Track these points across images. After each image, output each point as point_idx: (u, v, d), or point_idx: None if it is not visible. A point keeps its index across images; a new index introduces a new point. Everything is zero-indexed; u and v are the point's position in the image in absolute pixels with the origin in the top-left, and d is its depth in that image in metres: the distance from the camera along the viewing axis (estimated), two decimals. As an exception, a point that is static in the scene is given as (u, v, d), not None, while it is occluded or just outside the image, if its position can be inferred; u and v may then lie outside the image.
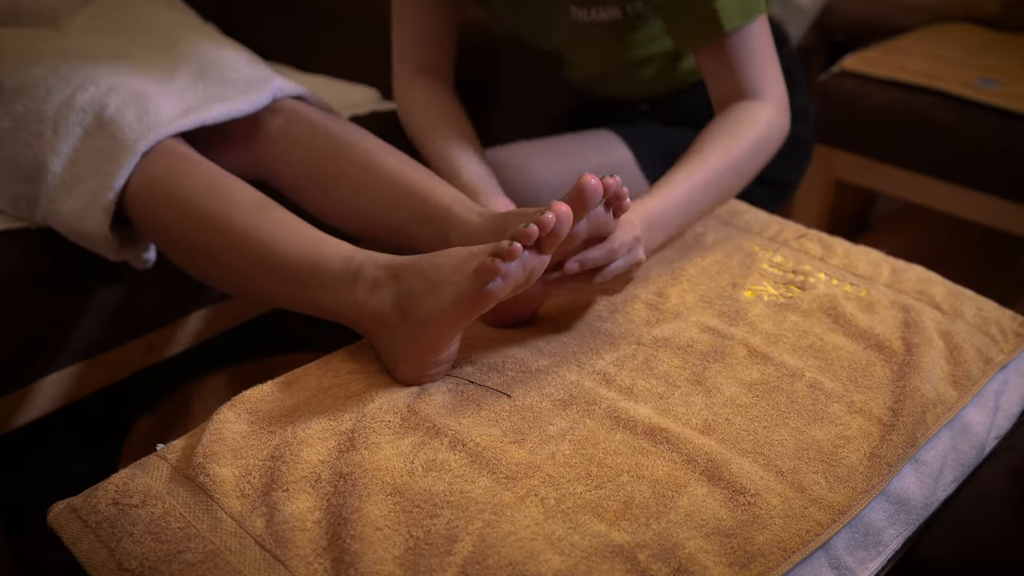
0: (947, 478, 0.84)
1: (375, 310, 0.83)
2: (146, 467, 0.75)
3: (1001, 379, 0.92)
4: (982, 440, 0.87)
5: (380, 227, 1.04)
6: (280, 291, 0.91)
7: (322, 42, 1.55)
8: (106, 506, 0.71)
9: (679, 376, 0.86)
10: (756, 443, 0.78)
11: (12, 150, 1.06)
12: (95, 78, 1.06)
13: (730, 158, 1.00)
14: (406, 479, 0.71)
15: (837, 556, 0.72)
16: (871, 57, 1.82)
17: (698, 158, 0.99)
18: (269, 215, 0.93)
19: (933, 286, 1.03)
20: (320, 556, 0.66)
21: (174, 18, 1.30)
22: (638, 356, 0.88)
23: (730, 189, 1.03)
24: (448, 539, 0.66)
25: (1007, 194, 1.63)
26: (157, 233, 1.00)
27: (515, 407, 0.80)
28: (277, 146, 1.12)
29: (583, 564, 0.65)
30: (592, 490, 0.71)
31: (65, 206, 1.03)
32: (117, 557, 0.67)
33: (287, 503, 0.69)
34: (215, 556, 0.66)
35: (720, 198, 1.02)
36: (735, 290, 1.00)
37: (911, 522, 0.79)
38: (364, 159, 1.05)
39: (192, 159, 1.00)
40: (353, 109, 1.39)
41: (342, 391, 0.82)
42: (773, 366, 0.87)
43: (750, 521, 0.70)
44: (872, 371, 0.88)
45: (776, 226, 1.14)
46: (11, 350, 1.09)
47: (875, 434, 0.80)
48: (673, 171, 0.99)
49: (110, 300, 1.16)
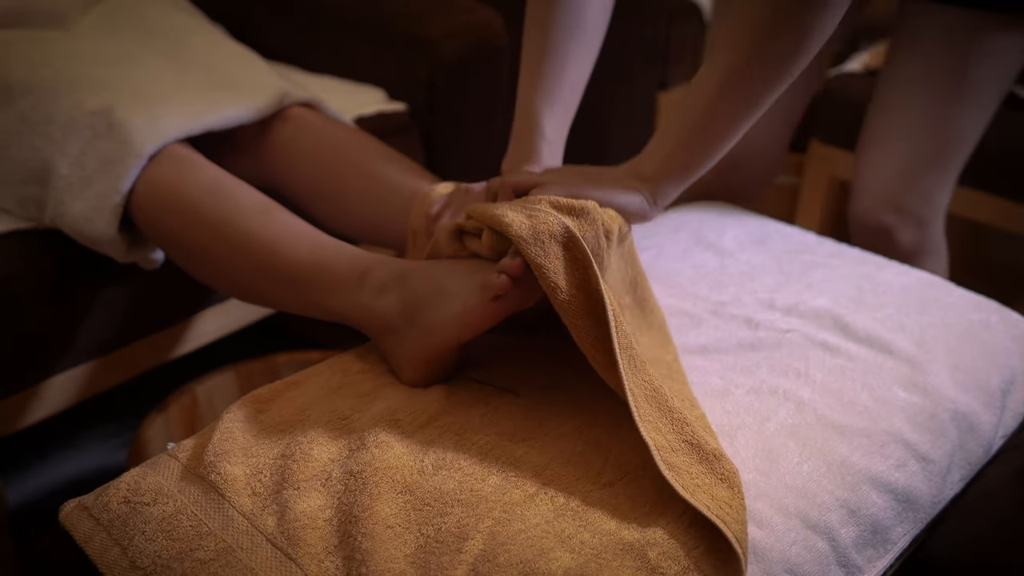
0: (954, 477, 0.84)
1: (382, 314, 0.83)
2: (157, 466, 0.75)
3: (1008, 378, 0.93)
4: (989, 439, 0.88)
5: (387, 235, 1.04)
6: (286, 295, 0.91)
7: (328, 43, 1.56)
8: (118, 504, 0.71)
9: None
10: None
11: (20, 152, 1.06)
12: (104, 80, 1.07)
13: (729, 73, 0.82)
14: (416, 477, 0.71)
15: (845, 554, 0.72)
16: (874, 57, 1.83)
17: (693, 92, 0.85)
18: (274, 218, 0.93)
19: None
20: (331, 554, 0.66)
21: (182, 20, 1.30)
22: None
23: (751, 101, 0.84)
24: (459, 537, 0.67)
25: (1009, 193, 1.62)
26: (163, 237, 1.00)
27: (524, 405, 0.81)
28: (284, 153, 1.12)
29: (593, 562, 0.65)
30: (601, 488, 0.72)
31: (73, 208, 1.03)
32: (129, 555, 0.68)
33: (298, 501, 0.70)
34: (227, 554, 0.66)
35: (742, 115, 0.84)
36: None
37: (919, 520, 0.79)
38: (371, 167, 1.05)
39: (198, 163, 1.01)
40: (359, 110, 1.39)
41: (351, 390, 0.83)
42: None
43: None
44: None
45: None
46: (19, 350, 1.09)
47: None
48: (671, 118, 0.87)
49: (117, 300, 1.16)
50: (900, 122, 1.21)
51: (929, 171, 1.21)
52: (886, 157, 1.23)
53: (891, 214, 1.23)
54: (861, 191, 1.26)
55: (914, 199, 1.22)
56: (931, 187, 1.22)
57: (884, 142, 1.24)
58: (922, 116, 1.19)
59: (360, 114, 1.38)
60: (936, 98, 1.18)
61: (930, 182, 1.22)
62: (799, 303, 0.97)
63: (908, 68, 1.20)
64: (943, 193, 1.24)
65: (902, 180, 1.22)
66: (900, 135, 1.22)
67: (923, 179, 1.21)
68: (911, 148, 1.21)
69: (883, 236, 1.23)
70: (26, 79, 1.08)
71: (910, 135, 1.21)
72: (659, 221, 1.18)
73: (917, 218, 1.23)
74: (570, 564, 0.65)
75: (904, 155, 1.21)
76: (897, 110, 1.22)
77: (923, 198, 1.22)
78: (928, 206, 1.23)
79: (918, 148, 1.20)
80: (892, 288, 1.01)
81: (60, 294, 1.10)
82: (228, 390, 1.31)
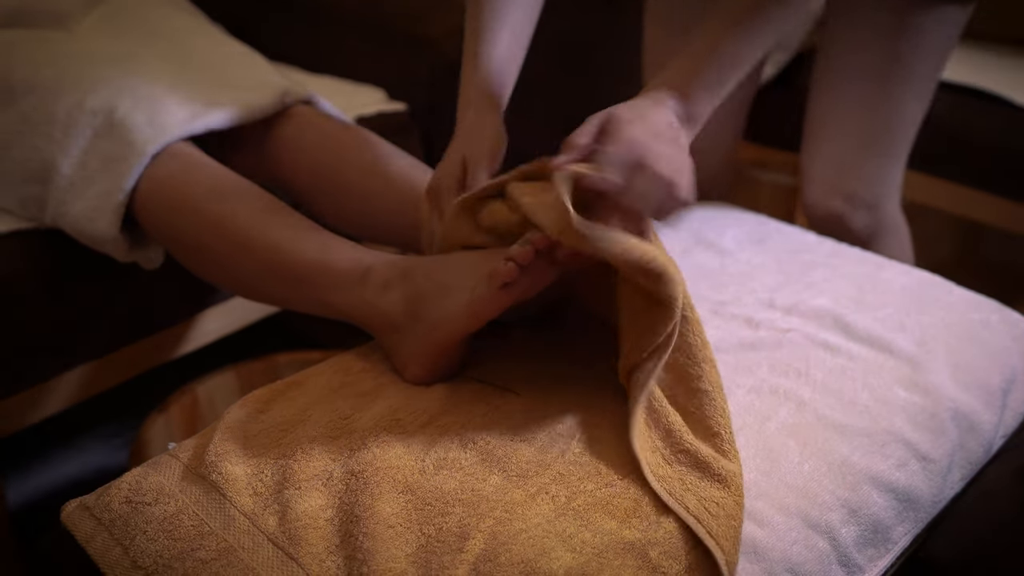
0: (955, 476, 0.84)
1: (385, 311, 0.83)
2: (158, 466, 0.75)
3: (1008, 377, 0.93)
4: (990, 438, 0.88)
5: (389, 232, 1.04)
6: (289, 293, 0.91)
7: (328, 43, 1.56)
8: (119, 504, 0.71)
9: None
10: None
11: (21, 151, 1.06)
12: (106, 80, 1.07)
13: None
14: (417, 477, 0.72)
15: (847, 553, 0.72)
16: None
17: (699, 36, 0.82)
18: (278, 217, 0.94)
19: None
20: (333, 553, 0.66)
21: (184, 20, 1.30)
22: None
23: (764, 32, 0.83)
24: (460, 536, 0.67)
25: (1009, 193, 1.63)
26: (166, 236, 1.00)
27: (525, 405, 0.81)
28: (287, 152, 1.12)
29: (594, 561, 0.65)
30: (603, 488, 0.72)
31: (75, 208, 1.03)
32: (131, 555, 0.68)
33: (299, 501, 0.70)
34: (228, 553, 0.67)
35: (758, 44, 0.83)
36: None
37: (919, 520, 0.79)
38: (372, 165, 1.06)
39: (201, 161, 1.01)
40: (360, 110, 1.40)
41: (353, 390, 0.83)
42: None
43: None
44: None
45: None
46: (20, 350, 1.09)
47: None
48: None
49: (119, 300, 1.16)
50: (837, 109, 1.20)
51: (873, 156, 1.20)
52: (828, 145, 1.22)
53: (841, 201, 1.22)
54: (809, 181, 1.25)
55: (861, 184, 1.21)
56: (877, 171, 1.21)
57: (823, 131, 1.23)
58: (858, 101, 1.18)
59: (360, 114, 1.38)
60: (870, 82, 1.16)
61: (876, 166, 1.21)
62: (799, 303, 0.97)
63: (840, 54, 1.19)
64: (892, 175, 1.23)
65: (847, 167, 1.21)
66: (839, 122, 1.21)
67: (867, 164, 1.21)
68: (852, 135, 1.20)
69: (836, 223, 1.23)
70: (28, 79, 1.08)
71: (849, 122, 1.20)
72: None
73: (867, 203, 1.22)
74: (571, 563, 0.65)
75: (846, 142, 1.20)
76: (833, 97, 1.21)
77: (870, 183, 1.21)
78: (877, 190, 1.22)
79: (858, 134, 1.19)
80: (892, 287, 1.01)
81: (61, 294, 1.11)
82: (229, 390, 1.31)
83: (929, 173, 1.73)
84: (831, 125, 1.22)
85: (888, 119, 1.18)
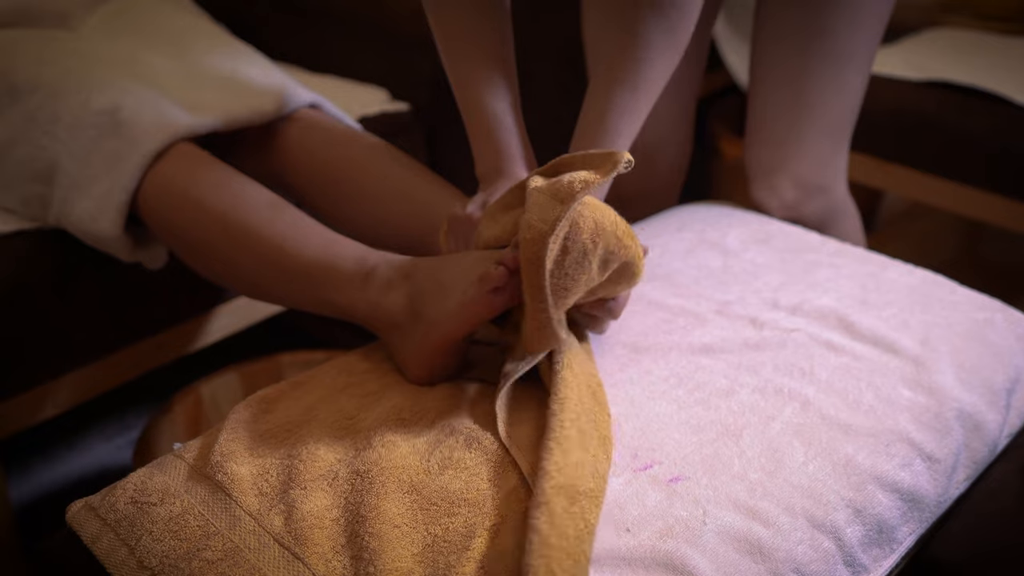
0: (960, 476, 0.84)
1: (388, 310, 0.83)
2: (164, 466, 0.75)
3: (1013, 377, 0.93)
4: (994, 438, 0.88)
5: (394, 236, 1.04)
6: (293, 292, 0.92)
7: (331, 43, 1.56)
8: (125, 504, 0.71)
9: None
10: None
11: (25, 151, 1.06)
12: (110, 80, 1.07)
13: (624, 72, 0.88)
14: (423, 477, 0.72)
15: (852, 554, 0.72)
16: (878, 57, 1.82)
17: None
18: (282, 216, 0.94)
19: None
20: (339, 553, 0.66)
21: (187, 21, 1.30)
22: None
23: (648, 79, 0.89)
24: (466, 536, 0.67)
25: (1009, 193, 1.63)
26: (170, 235, 1.00)
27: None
28: (291, 155, 1.12)
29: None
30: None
31: (79, 207, 1.03)
32: (137, 555, 0.68)
33: (305, 501, 0.70)
34: (235, 554, 0.67)
35: (643, 97, 0.90)
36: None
37: (924, 520, 0.79)
38: (377, 170, 1.06)
39: (205, 160, 1.01)
40: (363, 109, 1.39)
41: (357, 390, 0.83)
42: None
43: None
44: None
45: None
46: (22, 350, 1.09)
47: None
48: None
49: (122, 300, 1.16)
50: (774, 98, 1.18)
51: (817, 140, 1.18)
52: (772, 135, 1.20)
53: (792, 190, 1.20)
54: (755, 176, 1.23)
55: (810, 170, 1.19)
56: (824, 155, 1.19)
57: (764, 121, 1.21)
58: (791, 88, 1.16)
59: (363, 114, 1.38)
60: (801, 67, 1.14)
61: (822, 151, 1.19)
62: (803, 302, 0.97)
63: (768, 41, 1.16)
64: (838, 156, 1.21)
65: (791, 151, 1.19)
66: (778, 112, 1.18)
67: (813, 150, 1.18)
68: (793, 122, 1.18)
69: (791, 212, 1.22)
70: (32, 78, 1.09)
71: (787, 109, 1.17)
72: (662, 221, 1.18)
73: (818, 187, 1.20)
74: (577, 563, 0.65)
75: (788, 130, 1.18)
76: (769, 87, 1.18)
77: (819, 167, 1.20)
78: (827, 173, 1.21)
79: (799, 121, 1.17)
80: (896, 287, 1.01)
81: (64, 294, 1.11)
82: (232, 390, 1.31)
83: (929, 173, 1.73)
84: (770, 115, 1.19)
85: (825, 102, 1.15)
